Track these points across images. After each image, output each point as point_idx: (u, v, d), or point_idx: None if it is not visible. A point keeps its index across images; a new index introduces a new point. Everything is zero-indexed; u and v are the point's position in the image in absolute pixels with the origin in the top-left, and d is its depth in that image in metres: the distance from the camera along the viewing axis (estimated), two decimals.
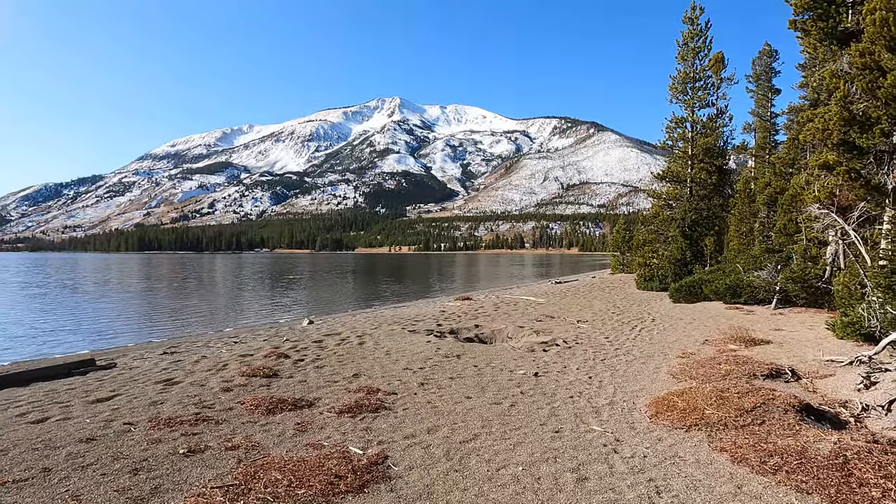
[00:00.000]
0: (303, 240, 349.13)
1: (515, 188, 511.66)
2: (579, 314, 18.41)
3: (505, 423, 6.94)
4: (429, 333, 14.41)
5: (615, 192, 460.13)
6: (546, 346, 12.41)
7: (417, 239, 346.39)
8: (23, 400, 8.08)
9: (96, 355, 12.24)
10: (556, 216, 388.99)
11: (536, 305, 21.22)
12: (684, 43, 28.94)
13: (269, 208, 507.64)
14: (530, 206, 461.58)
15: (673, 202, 29.93)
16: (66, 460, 5.59)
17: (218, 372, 9.81)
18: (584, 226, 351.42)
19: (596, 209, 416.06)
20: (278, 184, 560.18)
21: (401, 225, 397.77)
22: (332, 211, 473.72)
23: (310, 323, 17.60)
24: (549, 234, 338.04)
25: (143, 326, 20.92)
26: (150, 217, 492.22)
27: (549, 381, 9.17)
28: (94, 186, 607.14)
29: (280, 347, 12.30)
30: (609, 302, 22.26)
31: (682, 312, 18.18)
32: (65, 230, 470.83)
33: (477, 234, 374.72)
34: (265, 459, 5.61)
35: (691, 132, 29.27)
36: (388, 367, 10.20)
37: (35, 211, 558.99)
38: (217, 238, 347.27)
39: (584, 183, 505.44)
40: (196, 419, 6.94)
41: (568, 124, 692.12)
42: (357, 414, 7.25)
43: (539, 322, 16.52)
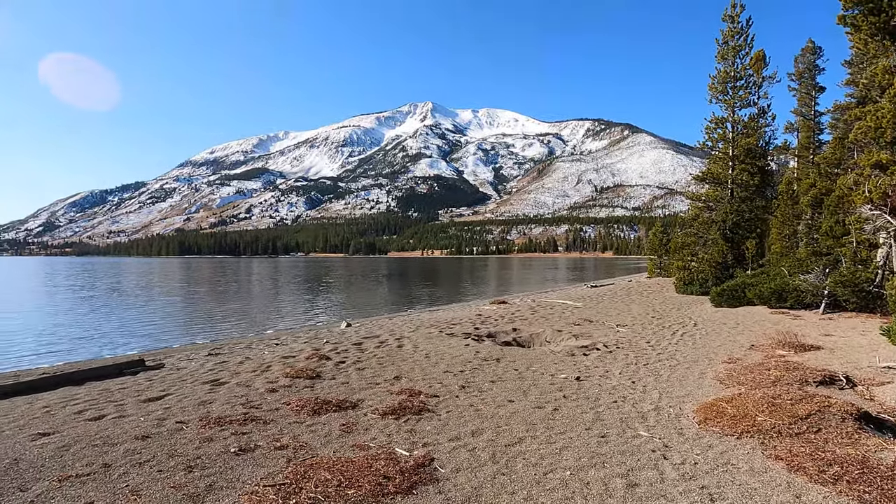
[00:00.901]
0: (337, 244, 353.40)
1: (548, 191, 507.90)
2: (618, 318, 18.14)
3: (549, 427, 6.89)
4: (466, 337, 14.41)
5: (650, 195, 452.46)
6: (586, 351, 12.26)
7: (449, 243, 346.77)
8: (79, 398, 8.39)
9: (145, 356, 12.62)
10: (590, 219, 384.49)
11: (573, 309, 21.00)
12: (724, 41, 28.30)
13: (303, 213, 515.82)
14: (563, 209, 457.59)
15: (713, 204, 29.24)
16: (124, 456, 5.78)
17: (262, 373, 10.00)
18: (619, 229, 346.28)
19: (630, 212, 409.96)
20: (313, 189, 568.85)
21: (433, 229, 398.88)
22: (366, 215, 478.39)
23: (348, 325, 17.80)
24: (583, 237, 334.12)
25: (186, 328, 21.48)
26: (190, 222, 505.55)
27: (592, 386, 9.06)
28: (137, 193, 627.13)
29: (321, 349, 12.47)
30: (648, 306, 21.88)
31: (724, 317, 17.74)
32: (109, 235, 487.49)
33: (509, 237, 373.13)
34: (314, 459, 5.69)
35: (732, 132, 28.58)
36: (428, 370, 10.24)
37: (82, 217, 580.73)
38: (254, 242, 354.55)
39: (618, 185, 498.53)
40: (244, 419, 7.09)
41: (601, 126, 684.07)
42: (401, 416, 7.29)
43: (577, 326, 16.35)
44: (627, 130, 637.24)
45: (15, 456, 5.78)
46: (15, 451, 5.92)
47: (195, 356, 12.48)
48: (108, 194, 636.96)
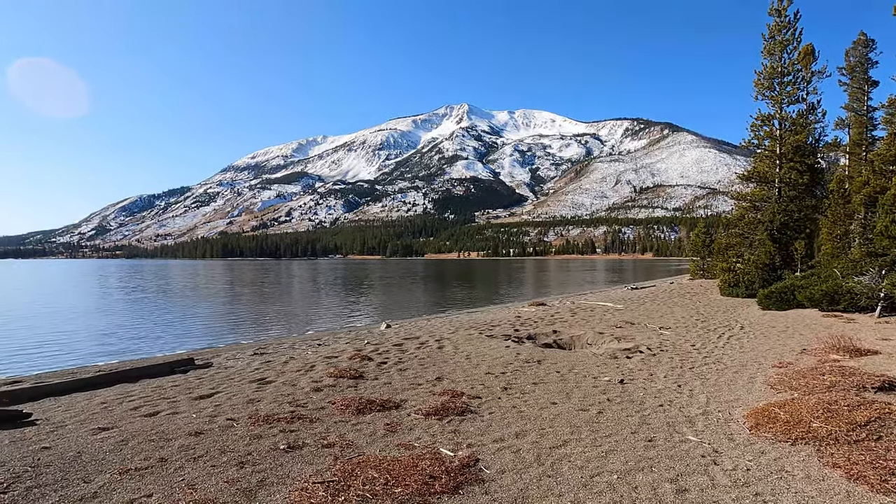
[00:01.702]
0: (374, 246, 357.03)
1: (586, 192, 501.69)
2: (661, 321, 17.78)
3: (594, 430, 6.81)
4: (507, 338, 14.36)
5: (692, 195, 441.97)
6: (629, 353, 12.06)
7: (486, 244, 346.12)
8: (135, 395, 8.72)
9: (194, 355, 13.02)
10: (629, 220, 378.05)
11: (614, 311, 20.69)
12: (771, 36, 27.46)
13: (341, 216, 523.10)
14: (601, 210, 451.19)
15: (759, 204, 28.38)
16: (179, 451, 5.98)
17: (307, 373, 10.19)
18: (659, 230, 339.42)
19: (671, 212, 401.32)
20: (350, 192, 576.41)
21: (469, 231, 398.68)
22: (402, 217, 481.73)
23: (387, 327, 17.96)
24: (622, 238, 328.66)
25: (231, 328, 22.04)
26: (233, 225, 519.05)
27: (636, 389, 8.92)
28: (183, 197, 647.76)
29: (362, 350, 12.63)
30: (691, 308, 21.37)
31: (773, 320, 17.19)
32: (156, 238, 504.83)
33: (546, 239, 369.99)
34: (360, 458, 5.77)
35: (779, 129, 27.69)
36: (469, 372, 10.25)
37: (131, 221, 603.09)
38: (294, 245, 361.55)
39: (658, 186, 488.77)
40: (292, 417, 7.25)
41: (640, 125, 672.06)
42: (444, 416, 7.33)
43: (619, 328, 16.10)
44: (667, 129, 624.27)
45: (78, 449, 6.06)
46: (78, 445, 6.20)
47: (241, 355, 12.80)
48: (156, 199, 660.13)
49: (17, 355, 15.75)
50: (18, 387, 9.13)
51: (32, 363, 14.42)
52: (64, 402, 8.38)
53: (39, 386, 9.05)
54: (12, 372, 12.98)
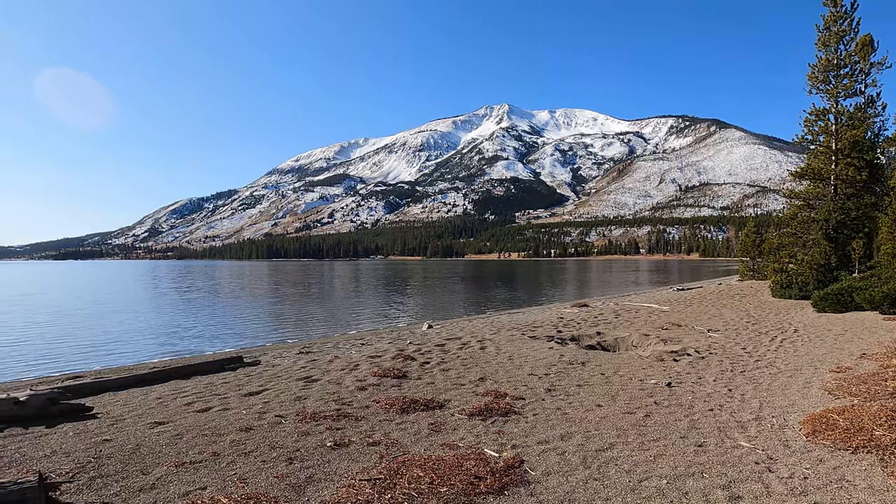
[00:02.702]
0: (414, 247, 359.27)
1: (629, 191, 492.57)
2: (709, 323, 17.29)
3: (641, 433, 6.68)
4: (549, 340, 14.23)
5: (740, 193, 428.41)
6: (676, 356, 11.78)
7: (526, 245, 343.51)
8: (188, 391, 9.02)
9: (242, 353, 13.39)
10: (674, 220, 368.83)
11: (660, 313, 20.24)
12: (825, 27, 26.32)
13: (382, 217, 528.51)
14: (645, 209, 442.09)
15: (814, 202, 27.24)
16: (231, 446, 6.16)
17: (351, 371, 10.35)
18: (706, 230, 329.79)
19: (718, 212, 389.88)
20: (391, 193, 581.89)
21: (509, 231, 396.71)
22: (443, 218, 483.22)
23: (429, 327, 18.05)
24: (667, 238, 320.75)
25: (277, 327, 22.59)
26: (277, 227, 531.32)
27: (685, 393, 8.70)
28: (230, 200, 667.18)
29: (405, 350, 12.73)
30: (741, 310, 20.70)
31: (829, 323, 16.48)
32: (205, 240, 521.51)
33: (588, 239, 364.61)
34: (405, 456, 5.82)
35: (835, 124, 26.51)
36: (512, 373, 10.21)
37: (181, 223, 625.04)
38: (336, 246, 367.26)
39: (704, 184, 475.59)
40: (337, 415, 7.37)
41: (686, 123, 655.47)
42: (487, 417, 7.32)
43: (665, 330, 15.74)
44: (714, 126, 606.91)
45: (136, 442, 6.32)
46: (136, 438, 6.46)
47: (287, 354, 13.09)
48: (205, 202, 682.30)
49: (78, 352, 16.55)
50: (80, 382, 9.56)
51: (92, 360, 15.11)
52: (122, 396, 8.74)
53: (99, 381, 9.47)
54: (74, 368, 13.64)
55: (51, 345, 17.92)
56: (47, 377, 11.79)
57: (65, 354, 16.03)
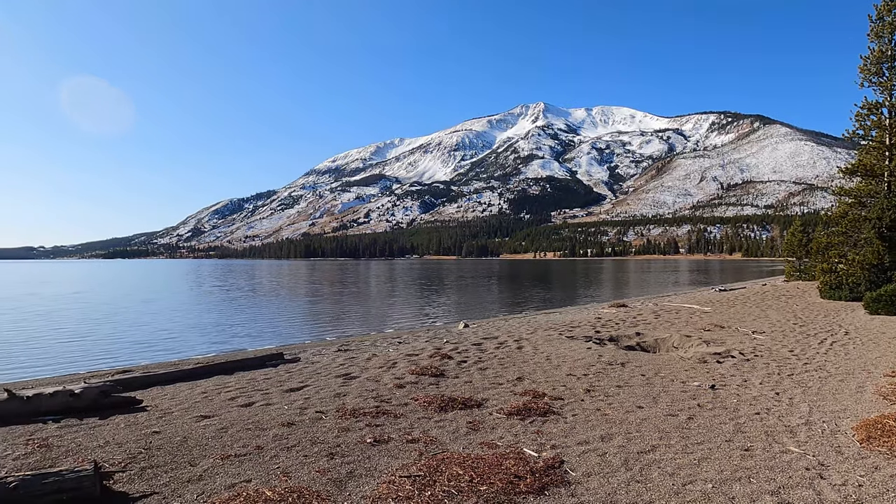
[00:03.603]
0: (449, 246, 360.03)
1: (668, 190, 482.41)
2: (753, 324, 16.79)
3: (685, 436, 6.53)
4: (587, 340, 14.06)
5: (785, 191, 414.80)
6: (719, 358, 11.47)
7: (562, 245, 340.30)
8: (231, 386, 9.25)
9: (282, 349, 13.65)
10: (715, 219, 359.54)
11: (701, 314, 19.76)
12: (878, 17, 25.19)
13: (418, 216, 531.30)
14: (685, 208, 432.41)
15: (866, 199, 26.12)
16: (274, 441, 6.29)
17: (389, 369, 10.44)
18: (749, 229, 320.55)
19: (762, 210, 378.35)
20: (426, 193, 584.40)
21: (545, 231, 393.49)
22: (478, 218, 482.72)
23: (465, 326, 18.05)
24: (707, 238, 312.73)
25: (315, 325, 22.98)
26: (315, 227, 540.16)
27: (729, 395, 8.47)
28: (269, 200, 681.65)
29: (442, 349, 12.76)
30: (788, 312, 20.04)
31: (883, 325, 15.80)
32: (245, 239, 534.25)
33: (626, 238, 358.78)
34: (444, 454, 5.84)
35: (889, 118, 25.37)
36: (550, 373, 10.12)
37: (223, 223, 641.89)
38: (372, 245, 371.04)
39: (747, 182, 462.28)
40: (377, 412, 7.45)
41: (728, 119, 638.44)
42: (526, 417, 7.28)
43: (707, 332, 15.36)
44: (758, 122, 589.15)
45: (184, 434, 6.51)
46: (183, 431, 6.66)
47: (326, 351, 13.29)
48: (245, 202, 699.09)
49: (127, 347, 17.17)
50: (130, 376, 9.92)
51: (140, 355, 15.66)
52: (169, 390, 9.02)
53: (148, 375, 9.80)
54: (123, 362, 14.15)
55: (101, 340, 18.65)
56: (98, 371, 12.28)
57: (114, 349, 16.66)
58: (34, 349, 16.73)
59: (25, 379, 11.95)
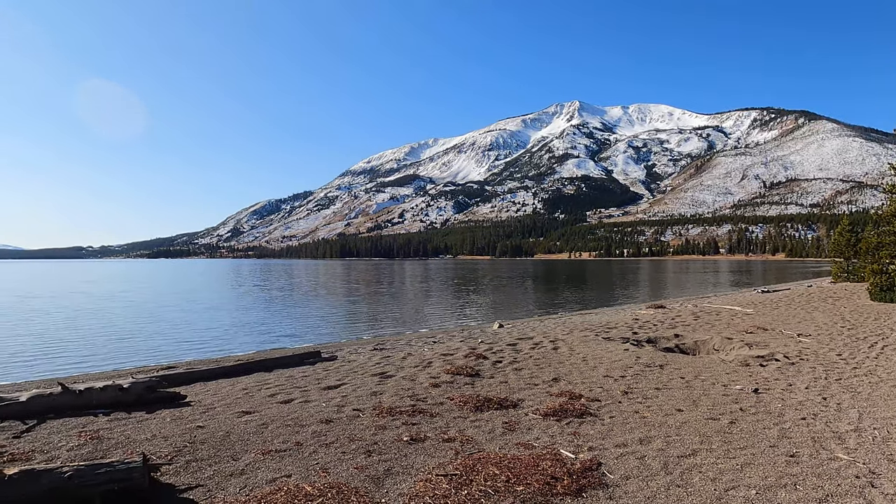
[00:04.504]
0: (483, 246, 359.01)
1: (707, 189, 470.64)
2: (798, 327, 16.26)
3: (726, 440, 6.38)
4: (625, 341, 13.85)
5: (832, 189, 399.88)
6: (763, 361, 11.15)
7: (598, 245, 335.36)
8: (270, 383, 9.45)
9: (320, 348, 13.87)
10: (757, 218, 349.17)
11: (743, 316, 19.23)
12: None
13: (451, 217, 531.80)
14: (725, 207, 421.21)
15: None
16: (312, 437, 6.41)
17: (424, 368, 10.50)
18: (793, 228, 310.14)
19: (807, 209, 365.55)
20: (460, 193, 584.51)
21: (580, 230, 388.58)
22: (512, 218, 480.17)
23: (500, 326, 18.00)
24: (749, 238, 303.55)
25: (351, 324, 23.27)
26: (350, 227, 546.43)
27: (773, 400, 8.23)
28: (305, 201, 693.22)
29: (476, 349, 12.76)
30: (835, 314, 19.32)
31: None
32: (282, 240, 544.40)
33: (663, 238, 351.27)
34: (481, 454, 5.85)
35: None
36: (586, 374, 10.02)
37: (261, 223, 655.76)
38: (406, 245, 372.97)
39: (791, 180, 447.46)
40: (413, 410, 7.50)
41: (771, 115, 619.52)
42: (562, 418, 7.22)
43: (750, 334, 14.94)
44: (803, 118, 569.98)
45: (226, 429, 6.69)
46: (226, 426, 6.84)
47: (362, 350, 13.45)
48: (282, 203, 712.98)
49: (170, 344, 17.71)
50: (174, 372, 10.23)
51: (183, 351, 16.13)
52: (211, 386, 9.27)
53: (191, 372, 10.09)
54: (167, 359, 14.61)
55: (146, 338, 19.29)
56: (144, 367, 12.70)
57: (158, 346, 17.20)
58: (85, 345, 17.42)
59: (76, 373, 12.47)
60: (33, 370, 13.41)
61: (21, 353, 16.01)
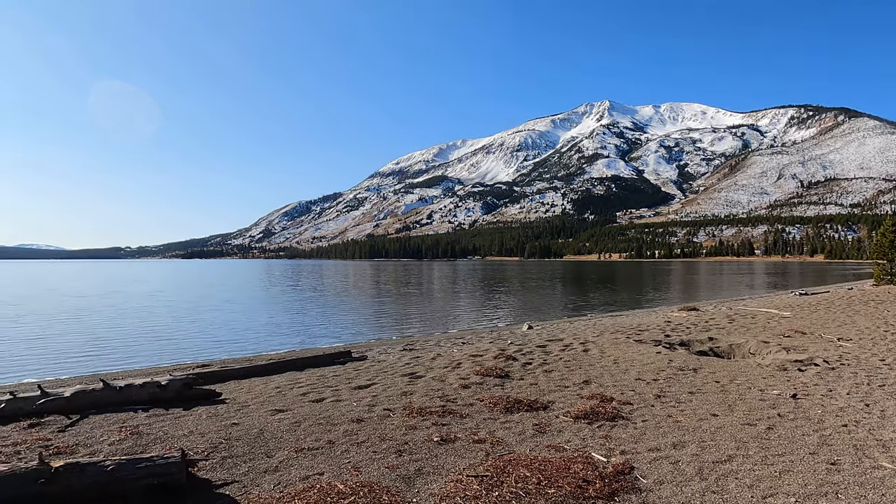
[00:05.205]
0: (512, 247, 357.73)
1: (742, 189, 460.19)
2: (839, 331, 15.76)
3: (763, 447, 6.23)
4: (657, 344, 13.64)
5: (874, 189, 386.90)
6: (801, 366, 10.85)
7: (628, 246, 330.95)
8: (302, 382, 9.59)
9: (350, 347, 14.02)
10: (795, 219, 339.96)
11: (780, 319, 18.73)
12: None
13: (480, 218, 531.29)
14: (760, 207, 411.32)
15: None
16: (344, 436, 6.48)
17: (454, 369, 10.51)
18: (832, 229, 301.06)
19: (847, 209, 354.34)
20: (489, 194, 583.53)
21: (610, 231, 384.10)
22: (540, 219, 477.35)
23: (529, 328, 17.92)
24: (786, 239, 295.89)
25: (381, 324, 23.45)
26: (379, 228, 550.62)
27: (813, 406, 8.00)
28: (335, 202, 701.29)
29: (506, 350, 12.72)
30: (878, 318, 18.67)
31: None
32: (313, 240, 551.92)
33: (696, 240, 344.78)
34: (511, 455, 5.83)
35: None
36: (618, 377, 9.90)
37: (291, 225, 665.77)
38: (434, 246, 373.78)
39: (830, 179, 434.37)
40: (443, 411, 7.52)
41: (809, 112, 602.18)
42: (594, 421, 7.15)
43: (787, 338, 14.54)
44: (843, 115, 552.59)
45: (260, 427, 6.81)
46: (260, 423, 6.97)
47: (391, 350, 13.55)
48: (312, 204, 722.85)
49: (205, 343, 18.11)
50: (209, 370, 10.46)
51: (217, 350, 16.48)
52: (245, 384, 9.45)
53: (225, 370, 10.30)
54: (202, 357, 14.94)
55: (181, 336, 19.76)
56: (181, 364, 13.03)
57: (193, 345, 17.61)
58: (124, 342, 17.96)
59: (116, 370, 12.86)
60: (76, 366, 13.87)
61: (64, 350, 16.57)
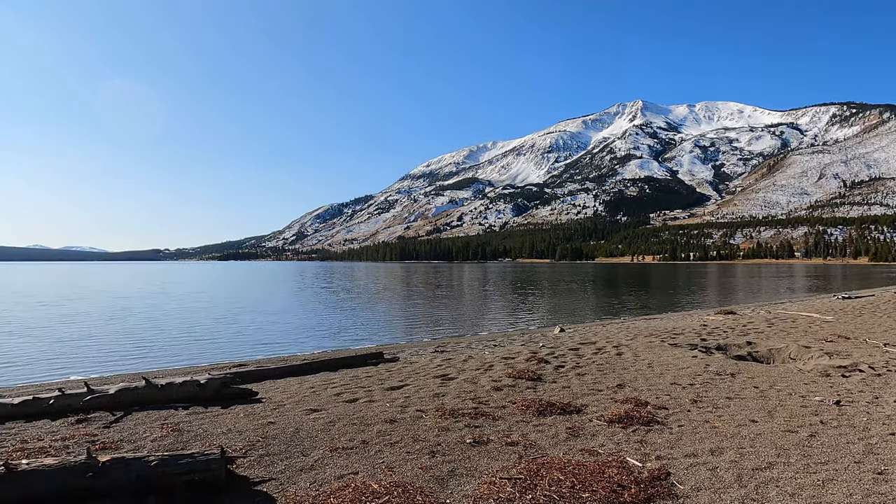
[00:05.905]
0: (542, 249, 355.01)
1: (781, 189, 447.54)
2: (885, 336, 15.20)
3: (805, 454, 6.06)
4: (692, 348, 13.38)
5: None
6: (845, 372, 10.50)
7: (662, 248, 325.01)
8: (336, 383, 9.72)
9: (382, 349, 14.14)
10: (837, 220, 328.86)
11: (822, 323, 18.17)
12: None
13: (510, 219, 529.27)
14: (801, 208, 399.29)
15: None
16: (378, 436, 6.55)
17: (486, 372, 10.51)
18: (877, 230, 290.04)
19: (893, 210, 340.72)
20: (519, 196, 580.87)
21: (643, 233, 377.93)
22: (572, 220, 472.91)
23: (561, 331, 17.78)
24: (827, 241, 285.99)
25: (412, 326, 23.58)
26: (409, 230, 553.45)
27: (858, 413, 7.74)
28: (366, 205, 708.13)
29: (538, 353, 12.66)
30: None
31: None
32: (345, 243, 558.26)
33: (732, 241, 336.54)
34: (544, 458, 5.80)
35: None
36: (652, 381, 9.75)
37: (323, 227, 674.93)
38: (465, 248, 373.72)
39: (875, 179, 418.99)
40: (475, 413, 7.53)
41: (852, 110, 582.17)
42: (628, 425, 7.07)
43: (829, 343, 14.10)
44: (888, 112, 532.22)
45: (296, 426, 6.94)
46: (295, 423, 7.10)
47: (423, 352, 13.61)
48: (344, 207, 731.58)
49: (241, 343, 18.51)
50: (246, 369, 10.68)
51: (253, 350, 16.81)
52: (280, 384, 9.64)
53: (261, 370, 10.52)
54: (240, 357, 15.27)
55: (219, 337, 20.22)
56: (218, 363, 13.34)
57: (230, 345, 18.01)
58: (164, 341, 18.48)
59: (156, 369, 13.24)
60: (119, 365, 14.34)
61: (109, 348, 17.15)
